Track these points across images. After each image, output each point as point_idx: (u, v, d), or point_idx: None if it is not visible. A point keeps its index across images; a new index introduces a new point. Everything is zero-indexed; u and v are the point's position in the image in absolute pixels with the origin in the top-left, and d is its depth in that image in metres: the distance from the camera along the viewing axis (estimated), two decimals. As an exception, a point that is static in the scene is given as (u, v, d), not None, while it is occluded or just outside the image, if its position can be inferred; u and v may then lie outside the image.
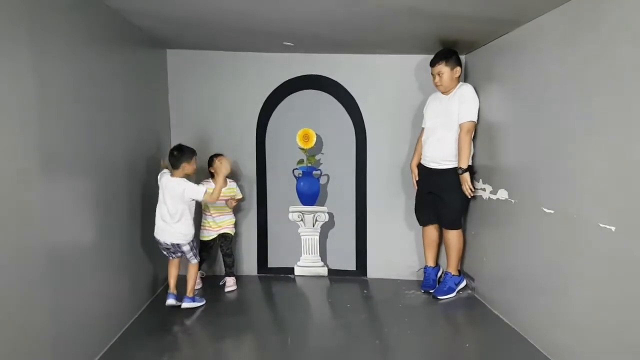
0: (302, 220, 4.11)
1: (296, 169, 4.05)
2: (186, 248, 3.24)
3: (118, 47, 2.94)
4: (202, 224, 3.78)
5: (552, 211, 2.57)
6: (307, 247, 4.16)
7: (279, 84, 4.02)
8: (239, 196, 3.90)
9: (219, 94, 4.00)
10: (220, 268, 4.04)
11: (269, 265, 4.20)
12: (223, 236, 3.81)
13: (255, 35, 3.35)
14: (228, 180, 3.80)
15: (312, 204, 4.08)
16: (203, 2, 2.59)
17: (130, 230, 3.09)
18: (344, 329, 3.08)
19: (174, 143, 3.95)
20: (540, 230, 2.70)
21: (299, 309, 3.46)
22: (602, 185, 2.17)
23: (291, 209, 4.11)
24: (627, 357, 2.03)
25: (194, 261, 3.35)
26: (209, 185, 3.66)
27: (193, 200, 3.20)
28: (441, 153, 3.49)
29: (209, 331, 3.00)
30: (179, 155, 3.20)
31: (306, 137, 3.93)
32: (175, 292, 3.29)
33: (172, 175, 3.20)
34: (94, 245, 2.58)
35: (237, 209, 4.02)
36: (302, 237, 4.14)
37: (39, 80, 2.04)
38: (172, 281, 3.33)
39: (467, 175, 3.39)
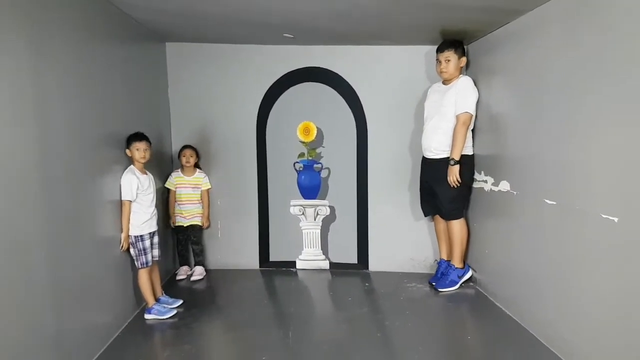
0: (303, 214, 4.10)
1: (297, 162, 4.03)
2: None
3: (116, 41, 2.92)
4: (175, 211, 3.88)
5: (554, 202, 2.55)
6: (308, 240, 4.15)
7: (279, 77, 3.99)
8: (207, 186, 3.93)
9: (219, 87, 3.98)
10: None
11: (271, 259, 4.19)
12: (192, 227, 3.90)
13: (254, 27, 3.32)
14: (197, 170, 3.90)
15: (313, 197, 4.06)
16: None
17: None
18: (346, 322, 3.07)
19: (174, 137, 3.98)
20: (542, 222, 2.68)
21: (301, 303, 3.46)
22: (604, 176, 2.15)
23: (292, 202, 4.09)
24: (629, 347, 2.01)
25: (137, 264, 2.99)
26: (176, 175, 3.81)
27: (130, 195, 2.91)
28: (435, 142, 3.48)
29: (211, 325, 3.00)
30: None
31: (307, 130, 3.90)
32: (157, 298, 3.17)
33: None
34: (95, 242, 2.58)
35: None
36: (303, 231, 4.13)
37: (37, 74, 2.03)
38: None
39: (456, 168, 3.37)
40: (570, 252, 2.42)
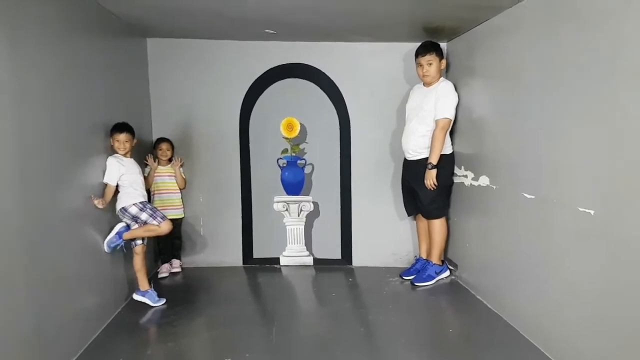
0: (287, 210, 4.10)
1: (280, 158, 4.02)
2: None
3: (96, 37, 2.88)
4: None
5: (532, 196, 2.60)
6: (292, 237, 4.15)
7: (262, 73, 3.98)
8: (182, 175, 3.88)
9: (200, 83, 3.95)
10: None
11: (255, 256, 4.18)
12: (174, 222, 3.68)
13: (236, 23, 3.30)
14: (170, 162, 3.83)
15: (297, 193, 4.07)
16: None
17: (111, 222, 3.04)
18: (329, 317, 3.09)
19: (155, 133, 3.94)
20: (521, 216, 2.72)
21: (285, 299, 3.46)
22: (580, 170, 2.19)
23: (276, 199, 4.09)
24: (606, 337, 2.07)
25: (156, 222, 3.11)
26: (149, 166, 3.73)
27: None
28: (413, 144, 3.51)
29: (195, 323, 2.99)
30: None
31: (290, 127, 3.90)
32: (144, 289, 3.22)
33: None
34: (75, 238, 2.55)
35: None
36: (287, 227, 4.13)
37: (15, 72, 1.99)
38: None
39: (433, 172, 3.40)
40: (548, 244, 2.47)
